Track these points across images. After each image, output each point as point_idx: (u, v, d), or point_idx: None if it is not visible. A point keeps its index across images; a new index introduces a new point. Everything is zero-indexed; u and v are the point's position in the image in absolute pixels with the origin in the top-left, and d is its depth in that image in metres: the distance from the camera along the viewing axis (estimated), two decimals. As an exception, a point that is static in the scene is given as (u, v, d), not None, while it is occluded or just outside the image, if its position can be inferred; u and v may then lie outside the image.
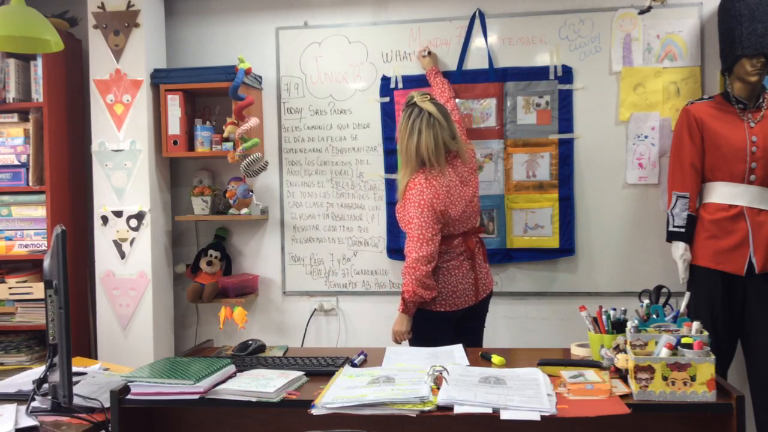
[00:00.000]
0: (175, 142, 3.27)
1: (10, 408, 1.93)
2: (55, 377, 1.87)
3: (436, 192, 2.57)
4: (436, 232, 2.57)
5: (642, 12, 2.95)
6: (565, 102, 3.19)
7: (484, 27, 3.25)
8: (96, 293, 3.30)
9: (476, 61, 3.26)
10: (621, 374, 1.91)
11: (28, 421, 1.83)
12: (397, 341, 2.68)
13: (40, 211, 3.23)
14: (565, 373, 1.91)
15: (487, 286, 2.77)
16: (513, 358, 2.20)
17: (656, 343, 1.82)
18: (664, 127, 3.15)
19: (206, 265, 3.35)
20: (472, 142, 3.14)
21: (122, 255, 3.24)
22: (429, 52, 3.21)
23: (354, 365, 2.12)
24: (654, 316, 1.99)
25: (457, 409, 1.69)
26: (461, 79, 3.24)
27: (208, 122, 3.37)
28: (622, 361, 1.87)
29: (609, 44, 3.18)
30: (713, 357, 1.74)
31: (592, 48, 3.19)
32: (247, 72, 3.15)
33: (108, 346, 3.25)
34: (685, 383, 1.72)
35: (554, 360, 2.06)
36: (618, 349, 1.93)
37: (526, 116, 3.22)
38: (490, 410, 1.68)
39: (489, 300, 2.80)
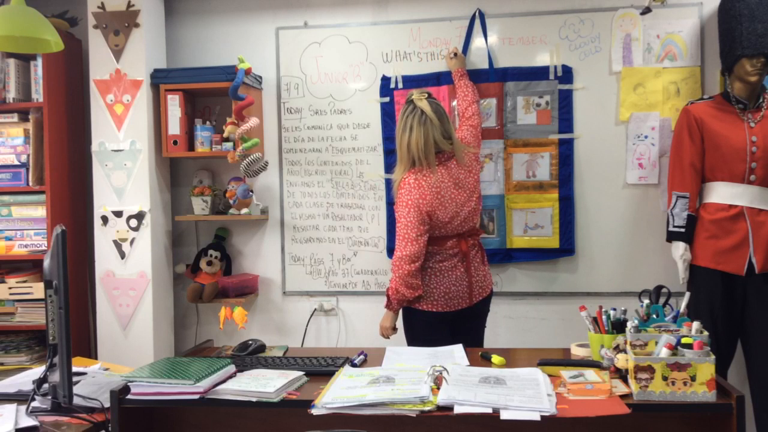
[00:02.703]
0: (175, 142, 3.27)
1: (10, 408, 1.93)
2: (55, 377, 1.87)
3: (423, 193, 2.58)
4: (422, 232, 2.58)
5: (643, 12, 2.95)
6: (565, 102, 3.19)
7: (484, 27, 3.25)
8: (96, 293, 3.30)
9: (476, 61, 3.26)
10: (621, 374, 1.91)
11: (28, 421, 1.83)
12: (384, 336, 2.76)
13: (40, 211, 3.23)
14: (565, 373, 1.91)
15: (485, 289, 2.75)
16: (513, 358, 2.20)
17: (656, 343, 1.82)
18: (664, 127, 3.15)
19: (206, 265, 3.35)
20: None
21: (122, 255, 3.24)
22: (456, 54, 3.20)
23: (354, 365, 2.12)
24: (654, 316, 1.99)
25: (457, 409, 1.69)
26: (461, 79, 3.24)
27: (208, 122, 3.37)
28: (622, 361, 1.87)
29: (609, 44, 3.18)
30: (713, 357, 1.74)
31: (592, 48, 3.19)
32: (247, 72, 3.15)
33: (108, 346, 3.25)
34: (685, 383, 1.73)
35: (554, 360, 2.06)
36: (618, 349, 1.93)
37: (526, 116, 3.22)
38: (490, 410, 1.68)
39: (488, 302, 2.80)
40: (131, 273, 3.24)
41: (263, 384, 1.88)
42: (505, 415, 1.67)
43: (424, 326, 2.67)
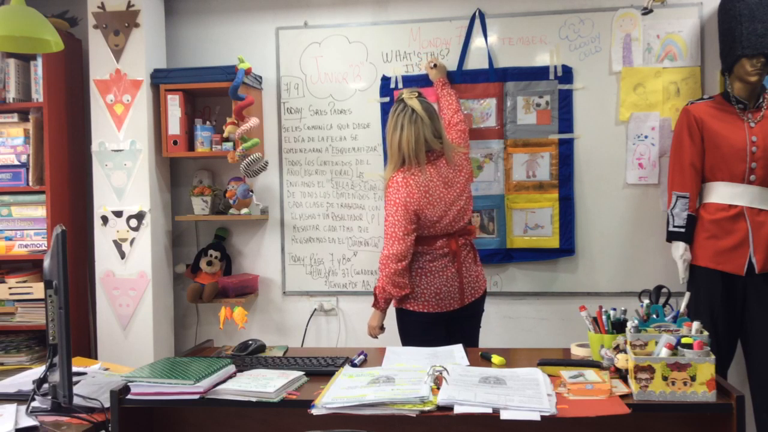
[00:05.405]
0: (175, 142, 3.27)
1: (10, 408, 1.93)
2: (55, 377, 1.87)
3: (411, 191, 2.58)
4: (409, 231, 2.58)
5: (645, 13, 2.95)
6: (565, 102, 3.19)
7: (484, 27, 3.25)
8: (96, 293, 3.30)
9: (476, 61, 3.26)
10: (621, 374, 1.91)
11: (28, 421, 1.83)
12: (372, 335, 2.79)
13: (40, 211, 3.23)
14: (565, 373, 1.91)
15: (477, 290, 2.74)
16: (513, 358, 2.20)
17: (656, 343, 1.82)
18: (664, 127, 3.15)
19: (206, 265, 3.35)
20: (472, 141, 3.14)
21: (122, 255, 3.24)
22: (436, 64, 3.19)
23: (354, 365, 2.12)
24: (654, 316, 1.99)
25: (457, 409, 1.69)
26: (461, 79, 3.24)
27: (208, 122, 3.37)
28: (622, 361, 1.87)
29: (609, 44, 3.18)
30: (713, 357, 1.74)
31: (592, 48, 3.19)
32: (247, 72, 3.15)
33: (108, 346, 3.25)
34: (685, 383, 1.73)
35: (554, 360, 2.06)
36: (618, 349, 1.93)
37: (526, 116, 3.22)
38: (490, 410, 1.68)
39: (481, 302, 2.79)
40: (131, 273, 3.24)
41: (263, 384, 1.88)
42: (505, 415, 1.67)
43: (416, 327, 2.67)
